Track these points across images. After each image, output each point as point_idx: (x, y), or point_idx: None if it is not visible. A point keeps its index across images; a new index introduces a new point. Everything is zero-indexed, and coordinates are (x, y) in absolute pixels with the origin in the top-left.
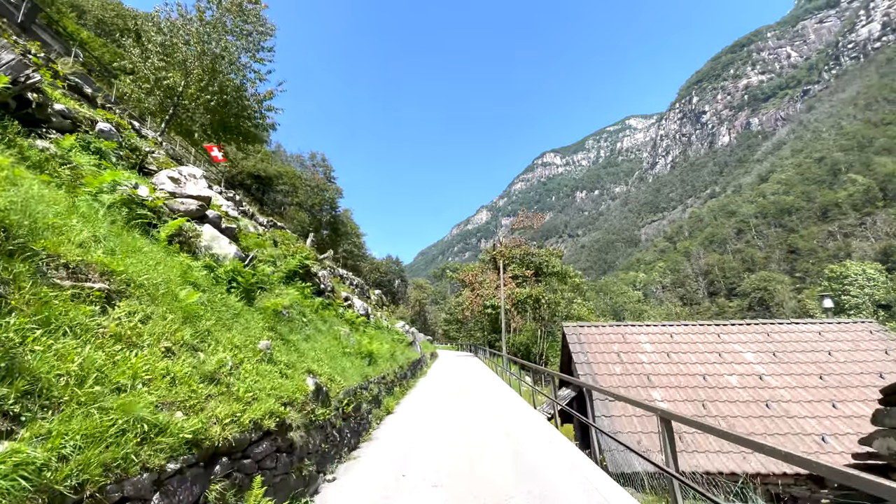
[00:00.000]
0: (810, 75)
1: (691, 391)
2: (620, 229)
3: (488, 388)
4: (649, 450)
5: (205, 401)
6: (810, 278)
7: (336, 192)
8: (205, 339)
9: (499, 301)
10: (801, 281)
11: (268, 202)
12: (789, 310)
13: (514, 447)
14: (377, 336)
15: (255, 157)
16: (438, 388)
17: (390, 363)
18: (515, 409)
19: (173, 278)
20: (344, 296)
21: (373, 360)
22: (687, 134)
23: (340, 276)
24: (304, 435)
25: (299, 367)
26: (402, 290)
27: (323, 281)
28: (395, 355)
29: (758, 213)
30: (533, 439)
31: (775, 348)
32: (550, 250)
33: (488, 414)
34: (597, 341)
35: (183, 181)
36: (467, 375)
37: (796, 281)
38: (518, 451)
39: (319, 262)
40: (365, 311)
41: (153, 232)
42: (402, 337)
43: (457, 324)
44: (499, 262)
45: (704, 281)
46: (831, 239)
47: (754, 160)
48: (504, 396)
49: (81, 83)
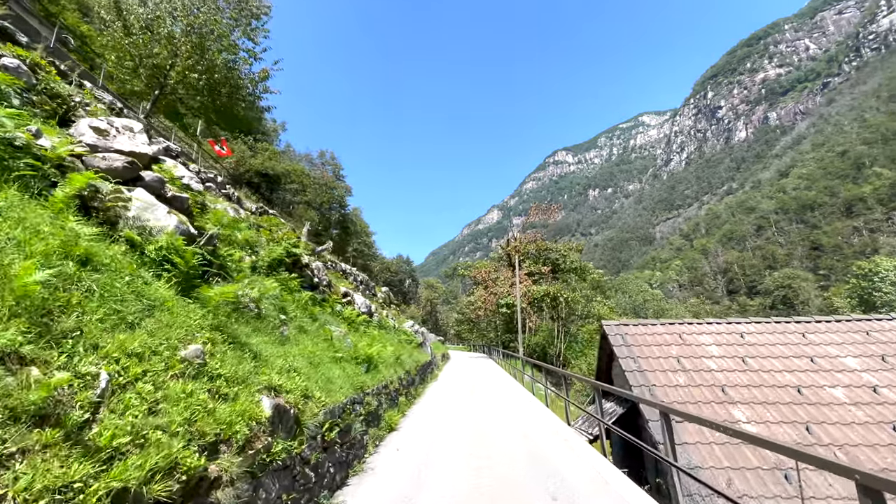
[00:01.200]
0: (830, 68)
1: (786, 409)
2: (634, 227)
3: (507, 396)
4: (746, 496)
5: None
6: (835, 276)
7: (345, 190)
8: (59, 343)
9: (513, 299)
10: (825, 279)
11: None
12: (815, 308)
13: (555, 488)
14: (380, 337)
15: (263, 156)
16: (451, 395)
17: (394, 369)
18: (544, 424)
19: (36, 248)
20: (343, 291)
21: (372, 366)
22: (702, 130)
23: (343, 272)
24: (247, 488)
25: (254, 382)
26: (412, 290)
27: (317, 274)
28: (400, 359)
29: (778, 208)
30: (579, 473)
31: (882, 350)
32: (569, 244)
33: (512, 433)
34: (647, 343)
35: (113, 134)
36: (482, 380)
37: (820, 278)
38: (563, 494)
39: (316, 254)
40: (368, 308)
41: (54, 193)
42: (410, 338)
43: (469, 324)
44: (513, 258)
45: (723, 279)
46: (857, 235)
47: (773, 155)
48: (528, 407)
49: (13, 29)
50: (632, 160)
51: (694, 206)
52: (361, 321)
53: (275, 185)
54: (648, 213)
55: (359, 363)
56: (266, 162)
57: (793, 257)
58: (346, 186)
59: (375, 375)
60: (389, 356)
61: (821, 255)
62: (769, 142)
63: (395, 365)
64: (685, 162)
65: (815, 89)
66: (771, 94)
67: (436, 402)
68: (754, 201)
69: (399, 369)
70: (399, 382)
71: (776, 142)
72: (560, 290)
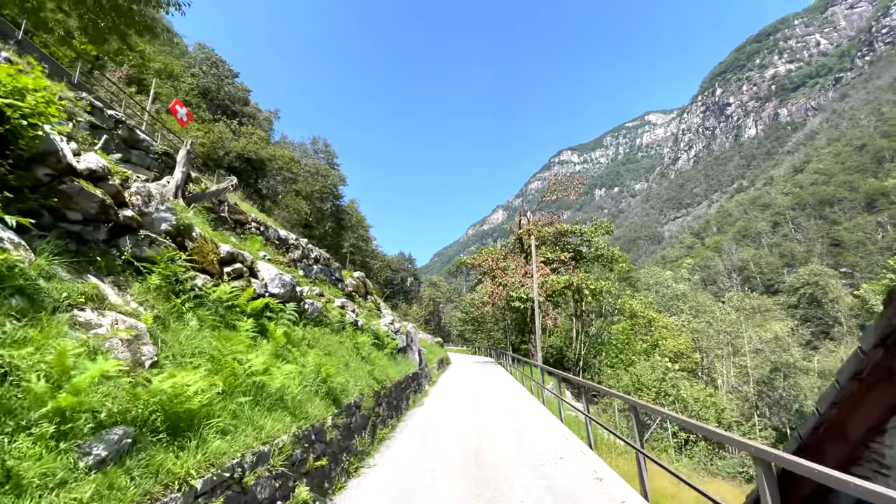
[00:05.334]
0: (842, 63)
1: None
2: (642, 226)
3: (537, 437)
4: None
5: None
6: (860, 272)
7: (339, 178)
8: None
9: (528, 291)
10: (848, 276)
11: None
12: (846, 307)
13: None
14: (315, 349)
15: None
16: (441, 438)
17: (324, 407)
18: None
19: None
20: (226, 252)
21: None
22: (710, 127)
23: (237, 222)
24: None
25: None
26: (415, 289)
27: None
28: (346, 388)
29: (794, 204)
30: None
31: None
32: (596, 222)
33: None
34: None
35: None
36: (491, 403)
37: (842, 275)
38: None
39: (184, 189)
40: (290, 289)
41: None
42: (385, 341)
43: (473, 323)
44: (526, 241)
45: (739, 277)
46: (880, 230)
47: (784, 152)
48: (579, 469)
49: None
50: (638, 159)
51: (703, 204)
52: (268, 312)
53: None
54: (656, 212)
55: None
56: (248, 146)
57: (812, 254)
58: (339, 175)
59: (238, 441)
60: (310, 386)
61: (842, 251)
62: (780, 138)
63: (323, 402)
64: (693, 160)
65: (827, 85)
66: (781, 91)
67: (408, 459)
68: (768, 198)
69: (327, 409)
70: (318, 440)
71: (788, 138)
72: (586, 279)
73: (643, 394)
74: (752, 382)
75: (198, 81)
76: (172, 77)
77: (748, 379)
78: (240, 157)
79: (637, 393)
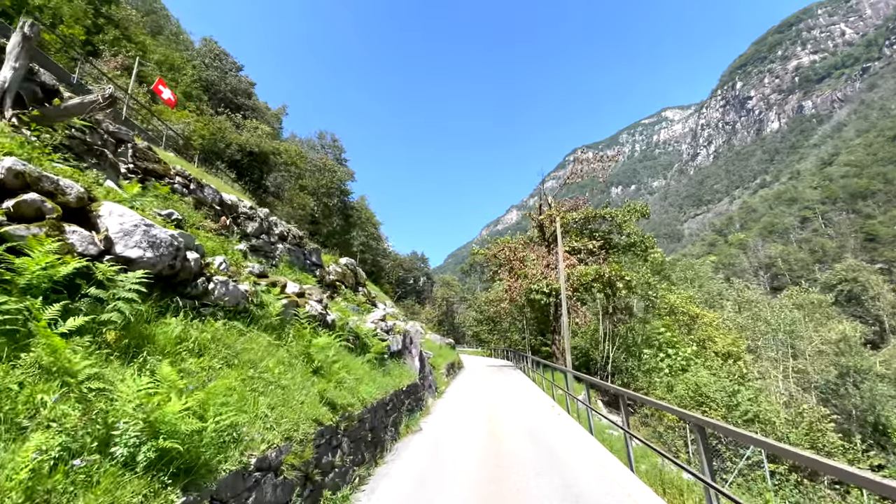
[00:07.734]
0: (869, 52)
1: None
2: (661, 224)
3: (585, 486)
4: None
5: None
6: None
7: (346, 174)
8: None
9: (553, 283)
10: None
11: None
12: (888, 304)
13: None
14: (205, 357)
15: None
16: (445, 486)
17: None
18: None
19: None
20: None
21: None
22: (731, 122)
23: (147, 172)
24: None
25: None
26: (427, 289)
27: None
28: (237, 436)
29: (825, 198)
30: None
31: None
32: (629, 205)
33: None
34: None
35: None
36: (515, 425)
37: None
38: None
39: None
40: (173, 260)
41: None
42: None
43: (489, 323)
44: (549, 228)
45: (766, 275)
46: None
47: (810, 145)
48: None
49: None
50: (656, 156)
51: (724, 200)
52: (90, 287)
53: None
54: (675, 210)
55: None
56: (251, 139)
57: (845, 249)
58: (347, 171)
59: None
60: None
61: (878, 246)
62: (805, 131)
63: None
64: (713, 156)
65: (853, 75)
66: (805, 82)
67: None
68: (795, 192)
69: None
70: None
71: (813, 131)
72: (619, 270)
73: (707, 409)
74: (814, 389)
75: (199, 73)
76: (174, 69)
77: (808, 386)
78: (242, 150)
79: (701, 408)
